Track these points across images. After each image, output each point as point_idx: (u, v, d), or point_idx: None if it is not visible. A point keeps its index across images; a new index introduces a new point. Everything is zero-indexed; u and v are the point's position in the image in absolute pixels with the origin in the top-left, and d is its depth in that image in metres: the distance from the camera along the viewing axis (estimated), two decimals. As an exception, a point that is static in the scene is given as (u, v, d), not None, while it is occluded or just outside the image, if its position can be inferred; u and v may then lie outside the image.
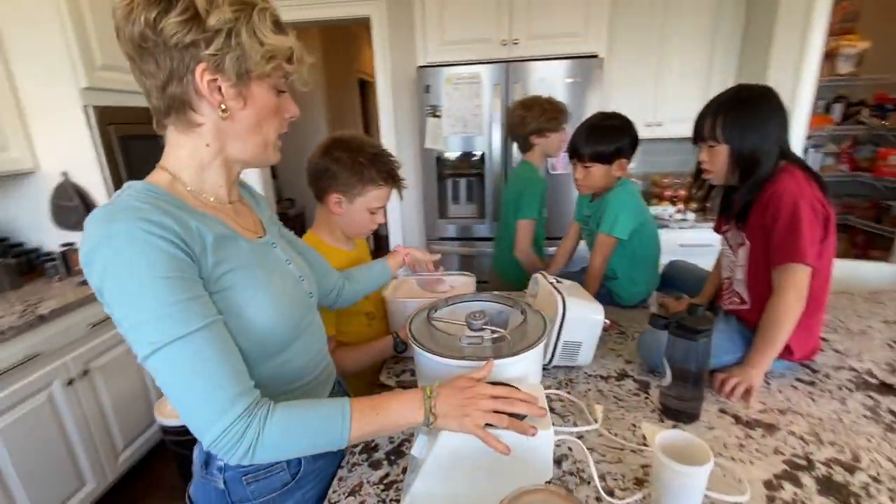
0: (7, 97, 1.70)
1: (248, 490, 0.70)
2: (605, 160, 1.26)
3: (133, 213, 0.52)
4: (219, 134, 0.61)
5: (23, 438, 1.42)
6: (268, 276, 0.65)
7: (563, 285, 1.02)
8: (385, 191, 1.05)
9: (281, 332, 0.65)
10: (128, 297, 0.51)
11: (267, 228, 0.75)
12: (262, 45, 0.56)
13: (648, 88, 2.46)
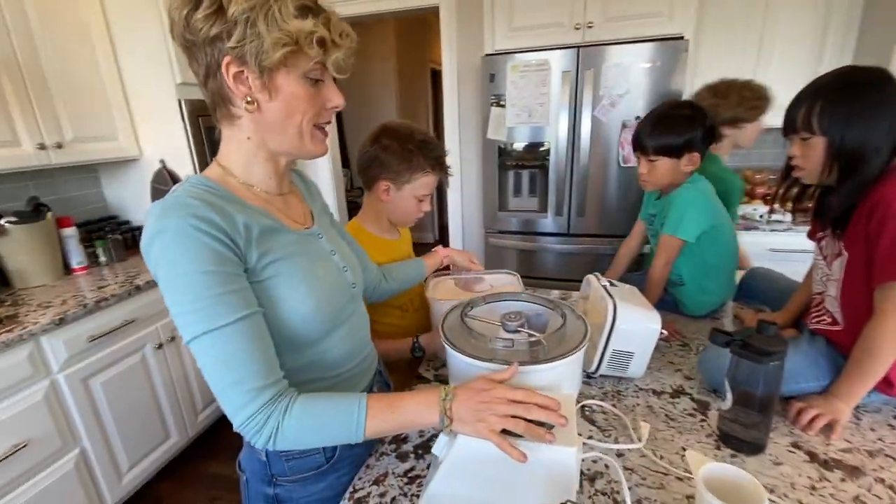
0: (118, 92, 1.93)
1: (286, 466, 0.73)
2: (673, 153, 1.13)
3: (183, 210, 0.55)
4: (256, 127, 0.62)
5: (120, 392, 1.63)
6: (310, 266, 0.67)
7: (617, 289, 0.95)
8: (432, 178, 1.06)
9: (321, 321, 0.67)
10: (172, 287, 0.55)
11: (316, 219, 0.77)
12: (280, 30, 0.54)
13: (745, 74, 2.18)
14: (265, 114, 0.61)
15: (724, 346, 0.72)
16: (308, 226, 0.73)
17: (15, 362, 1.31)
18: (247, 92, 0.58)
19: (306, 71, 0.59)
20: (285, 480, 0.74)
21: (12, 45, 1.55)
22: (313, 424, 0.59)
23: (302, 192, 0.80)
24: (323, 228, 0.77)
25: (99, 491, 1.58)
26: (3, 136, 1.54)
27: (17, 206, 1.78)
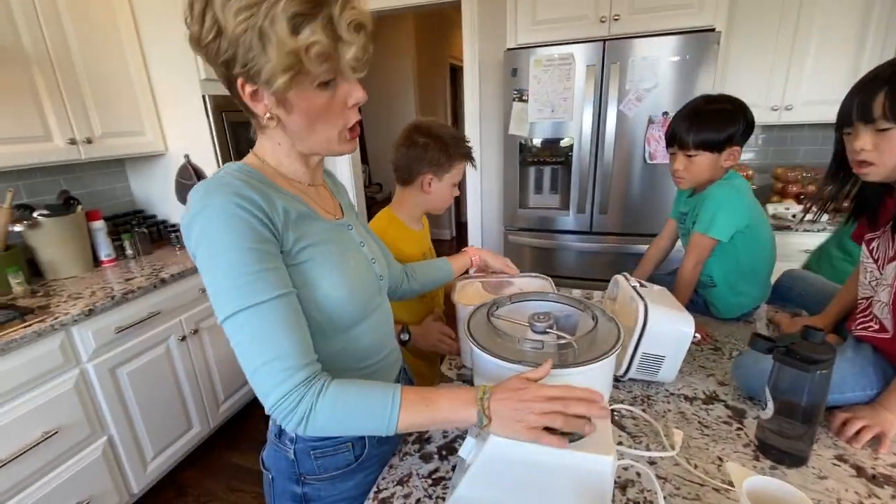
0: (145, 88, 1.96)
1: (315, 464, 0.73)
2: (714, 148, 1.08)
3: (227, 189, 0.56)
4: (283, 135, 0.63)
5: (145, 382, 1.67)
6: (342, 255, 0.67)
7: (647, 290, 0.92)
8: (464, 166, 1.16)
9: (351, 309, 0.67)
10: (212, 264, 0.55)
11: (345, 212, 0.78)
12: (277, 54, 0.52)
13: (779, 66, 2.11)
14: (288, 126, 0.61)
15: (766, 353, 0.69)
16: (339, 217, 0.74)
17: (47, 351, 1.35)
18: (266, 108, 0.59)
19: (315, 78, 0.56)
20: (314, 479, 0.73)
21: (45, 42, 1.58)
22: (346, 410, 0.58)
23: (330, 188, 0.81)
24: (352, 221, 0.77)
25: (125, 478, 1.62)
26: (36, 131, 1.58)
27: (49, 199, 1.83)
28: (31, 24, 1.53)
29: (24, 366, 1.29)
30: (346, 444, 0.73)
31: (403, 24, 3.92)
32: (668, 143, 1.15)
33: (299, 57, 0.52)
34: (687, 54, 1.87)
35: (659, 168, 2.01)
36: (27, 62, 1.54)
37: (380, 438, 0.76)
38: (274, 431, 0.76)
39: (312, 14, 0.52)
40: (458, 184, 1.17)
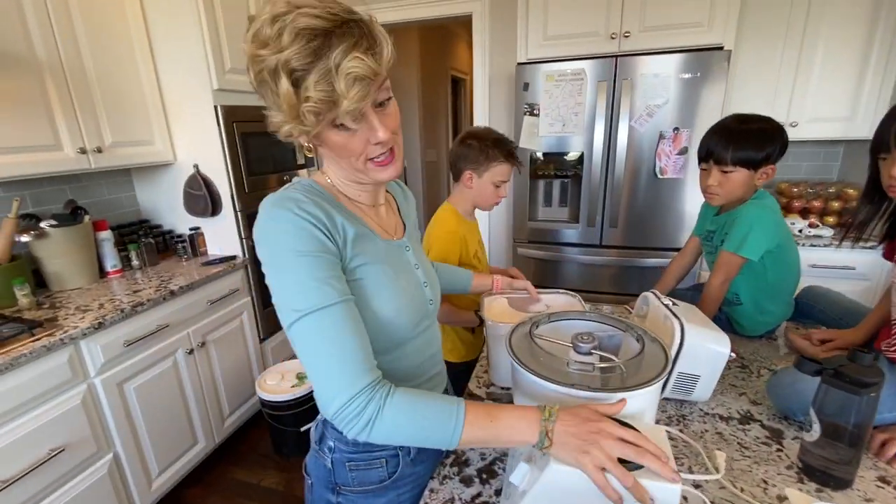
0: (155, 97, 1.95)
1: (349, 476, 0.73)
2: (752, 165, 1.08)
3: (294, 203, 0.59)
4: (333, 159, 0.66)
5: (152, 397, 1.63)
6: (395, 275, 0.68)
7: (679, 308, 0.91)
8: (506, 167, 1.26)
9: (399, 328, 0.68)
10: (281, 269, 0.58)
11: (408, 232, 0.78)
12: (279, 107, 0.55)
13: (784, 84, 2.15)
14: (325, 155, 0.65)
15: (814, 375, 0.68)
16: (399, 237, 0.75)
17: (56, 366, 1.32)
18: (303, 140, 0.60)
19: (337, 119, 0.56)
20: (348, 490, 0.74)
21: (58, 52, 1.56)
22: (412, 418, 0.57)
23: (400, 203, 0.83)
24: (412, 242, 0.78)
25: (130, 496, 1.57)
26: (46, 140, 1.55)
27: (55, 209, 1.80)
28: (45, 34, 1.52)
29: (32, 381, 1.26)
30: (379, 460, 0.73)
31: (408, 36, 3.95)
32: (700, 158, 1.15)
33: (299, 109, 0.54)
34: (697, 71, 1.90)
35: (669, 183, 2.03)
36: (40, 71, 1.52)
37: (414, 458, 0.75)
38: (315, 438, 0.77)
39: (307, 69, 0.52)
40: (502, 185, 1.28)
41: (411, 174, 4.34)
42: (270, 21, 0.52)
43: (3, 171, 1.43)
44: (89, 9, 1.66)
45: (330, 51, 0.51)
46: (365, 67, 0.52)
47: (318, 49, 0.51)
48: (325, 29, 0.51)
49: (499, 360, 1.00)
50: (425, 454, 0.77)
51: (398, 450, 0.74)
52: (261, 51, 0.53)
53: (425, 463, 0.77)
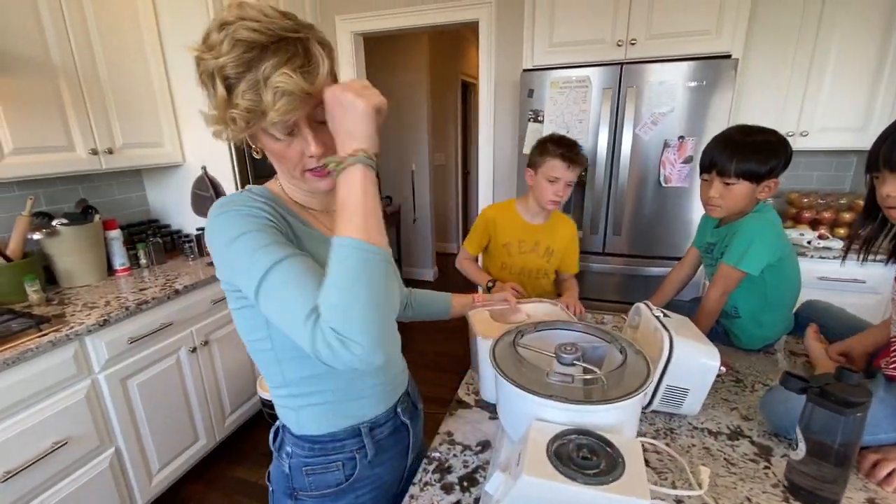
0: (166, 100, 2.00)
1: (306, 481, 0.74)
2: (755, 178, 1.06)
3: (240, 199, 0.63)
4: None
5: (154, 394, 1.66)
6: None
7: (670, 320, 0.91)
8: (557, 162, 1.33)
9: None
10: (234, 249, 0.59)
11: None
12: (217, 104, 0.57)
13: (794, 93, 2.12)
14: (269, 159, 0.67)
15: (799, 393, 0.67)
16: None
17: (61, 361, 1.35)
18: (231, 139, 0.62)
19: (266, 128, 0.59)
20: (305, 495, 0.75)
21: (73, 55, 1.61)
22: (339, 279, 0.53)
23: None
24: None
25: (130, 491, 1.60)
26: (59, 141, 1.60)
27: (67, 207, 1.85)
28: (60, 38, 1.57)
29: (37, 375, 1.29)
30: (336, 463, 0.74)
31: (418, 41, 3.98)
32: (702, 169, 1.14)
33: (227, 114, 0.57)
34: (703, 80, 1.88)
35: (673, 191, 2.01)
36: (55, 74, 1.57)
37: (372, 460, 0.76)
38: (277, 444, 0.78)
39: (239, 78, 0.55)
40: (556, 181, 1.34)
41: (419, 177, 4.36)
42: (218, 28, 0.56)
43: (19, 170, 1.48)
44: (103, 14, 1.71)
45: (261, 63, 0.54)
46: (292, 84, 0.54)
47: (250, 61, 0.54)
48: (261, 43, 0.55)
49: (486, 373, 1.00)
50: (385, 456, 0.78)
51: (355, 452, 0.74)
52: (204, 54, 0.57)
53: (384, 465, 0.78)
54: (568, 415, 0.62)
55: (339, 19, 2.68)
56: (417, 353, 3.05)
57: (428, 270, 4.53)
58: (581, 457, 0.56)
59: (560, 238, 1.52)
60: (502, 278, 1.52)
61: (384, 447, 0.78)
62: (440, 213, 5.10)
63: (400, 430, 0.81)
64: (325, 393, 0.71)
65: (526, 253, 1.50)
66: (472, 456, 0.82)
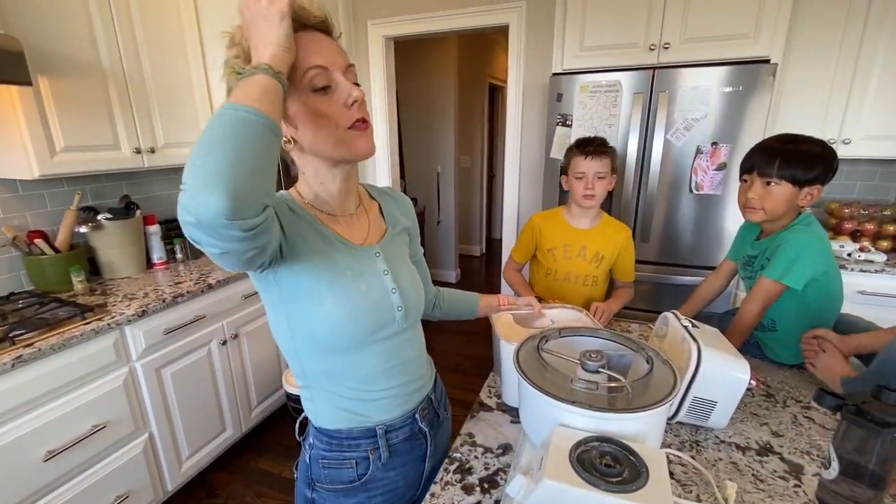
0: (205, 103, 2.07)
1: (322, 473, 0.77)
2: (798, 182, 1.03)
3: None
4: (304, 160, 0.69)
5: (186, 383, 1.73)
6: (355, 278, 0.70)
7: (699, 331, 0.89)
8: (580, 158, 1.38)
9: (351, 331, 0.69)
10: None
11: (387, 238, 0.79)
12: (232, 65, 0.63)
13: (837, 99, 2.04)
14: (303, 142, 0.65)
15: (833, 410, 0.65)
16: (371, 243, 0.77)
17: (103, 348, 1.42)
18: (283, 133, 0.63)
19: (306, 83, 0.61)
20: (321, 487, 0.78)
21: (121, 59, 1.70)
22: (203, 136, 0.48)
23: (387, 210, 0.84)
24: (387, 248, 0.78)
25: (161, 475, 1.67)
26: (106, 140, 1.69)
27: (111, 202, 1.95)
28: (109, 42, 1.66)
29: (81, 361, 1.37)
30: (350, 461, 0.76)
31: (447, 44, 4.01)
32: (742, 171, 1.11)
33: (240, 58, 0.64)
34: (740, 85, 1.83)
35: (705, 199, 1.96)
36: (104, 77, 1.65)
37: (386, 463, 0.78)
38: (302, 436, 0.82)
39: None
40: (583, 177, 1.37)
41: (444, 179, 4.39)
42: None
43: (69, 167, 1.57)
44: (149, 19, 1.79)
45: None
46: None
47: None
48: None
49: (508, 377, 1.00)
50: (399, 460, 0.79)
51: (369, 452, 0.76)
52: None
53: (398, 469, 0.79)
54: (591, 422, 0.62)
55: (371, 24, 2.73)
56: (439, 355, 3.06)
57: (451, 272, 4.54)
58: (604, 464, 0.56)
59: (611, 242, 1.49)
60: (547, 284, 1.54)
61: (399, 452, 0.79)
62: (464, 216, 5.11)
63: (417, 436, 0.82)
64: (340, 390, 0.74)
65: (572, 258, 1.49)
66: (493, 458, 0.82)
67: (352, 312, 0.68)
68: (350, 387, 0.73)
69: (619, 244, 1.49)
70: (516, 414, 0.95)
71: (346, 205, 0.76)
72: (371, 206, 0.83)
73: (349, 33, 2.74)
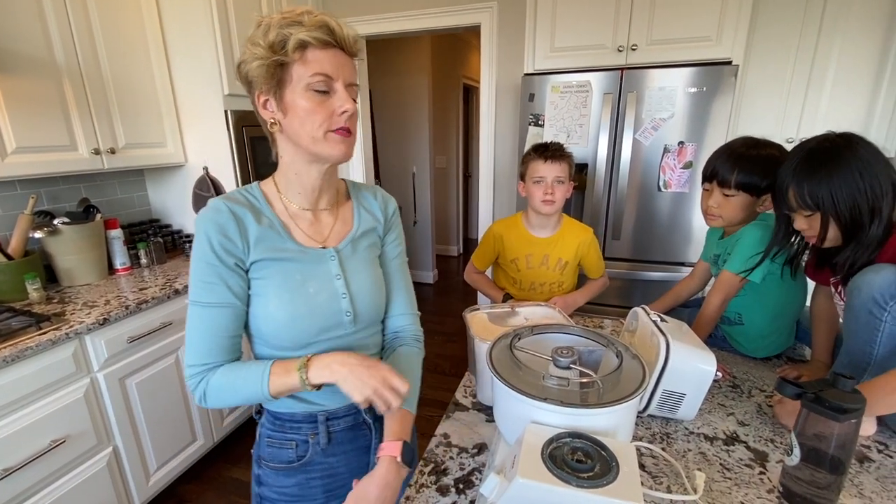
0: (169, 101, 2.01)
1: (266, 451, 0.83)
2: (755, 191, 1.08)
3: (214, 212, 0.71)
4: (284, 145, 0.74)
5: (153, 393, 1.67)
6: (302, 281, 0.74)
7: (667, 325, 0.91)
8: (537, 163, 1.34)
9: (292, 333, 0.74)
10: (192, 261, 0.72)
11: (348, 242, 0.80)
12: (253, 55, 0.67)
13: (794, 99, 2.13)
14: (286, 129, 0.71)
15: (794, 399, 0.68)
16: (330, 245, 0.79)
17: (61, 359, 1.36)
18: (271, 115, 0.71)
19: (309, 84, 0.67)
20: (266, 465, 0.83)
21: (77, 55, 1.62)
22: (229, 383, 0.71)
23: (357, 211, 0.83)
24: (348, 252, 0.79)
25: (128, 489, 1.61)
26: (62, 140, 1.61)
27: (69, 206, 1.86)
28: (64, 38, 1.58)
29: (37, 373, 1.30)
30: (290, 442, 0.81)
31: (420, 44, 4.00)
32: (704, 178, 1.15)
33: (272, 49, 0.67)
34: (704, 86, 1.89)
35: (673, 196, 2.02)
36: (58, 74, 1.58)
37: (325, 448, 0.82)
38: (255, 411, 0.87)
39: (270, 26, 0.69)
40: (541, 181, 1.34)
41: (420, 180, 4.37)
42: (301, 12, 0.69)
43: (21, 169, 1.49)
44: (107, 14, 1.72)
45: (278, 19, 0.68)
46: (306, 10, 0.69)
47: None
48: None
49: (483, 376, 1.00)
50: (340, 448, 0.84)
51: (309, 436, 0.80)
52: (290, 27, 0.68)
53: (339, 457, 0.83)
54: (563, 418, 0.62)
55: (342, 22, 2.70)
56: (416, 356, 3.05)
57: (428, 273, 4.53)
58: (576, 460, 0.57)
59: (572, 246, 1.46)
60: (513, 293, 1.51)
61: (340, 440, 0.83)
62: (441, 216, 5.11)
63: (361, 427, 0.85)
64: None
65: (534, 268, 1.46)
66: (469, 458, 0.82)
67: (294, 315, 0.73)
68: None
69: (580, 246, 1.47)
70: (492, 413, 0.95)
71: (319, 201, 0.79)
72: (345, 204, 0.84)
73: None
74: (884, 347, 0.82)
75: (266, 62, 0.66)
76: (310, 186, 0.76)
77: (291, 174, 0.76)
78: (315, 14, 0.67)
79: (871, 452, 0.82)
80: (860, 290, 0.82)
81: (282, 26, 0.66)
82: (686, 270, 2.05)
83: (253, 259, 0.73)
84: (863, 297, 0.82)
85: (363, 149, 2.93)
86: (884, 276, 0.79)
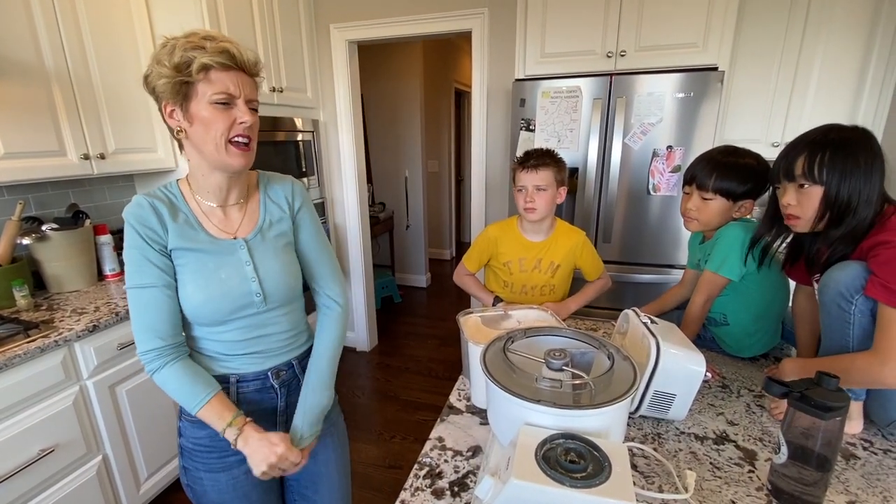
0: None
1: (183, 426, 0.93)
2: (731, 197, 1.12)
3: (137, 208, 0.82)
4: (190, 150, 0.82)
5: (143, 401, 1.65)
6: (215, 268, 0.85)
7: (657, 327, 0.92)
8: (522, 174, 1.38)
9: (208, 312, 0.85)
10: (125, 250, 0.83)
11: (257, 232, 0.90)
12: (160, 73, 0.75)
13: (779, 104, 2.18)
14: (191, 137, 0.80)
15: (780, 398, 0.69)
16: (240, 236, 0.89)
17: (49, 367, 1.34)
18: (177, 124, 0.79)
19: (211, 98, 0.76)
20: (185, 418, 0.92)
21: (66, 60, 1.61)
22: (174, 386, 0.82)
23: (264, 203, 0.92)
24: (256, 242, 0.89)
25: (118, 499, 1.58)
26: (51, 146, 1.59)
27: (57, 212, 1.84)
28: (53, 42, 1.57)
29: (25, 381, 1.28)
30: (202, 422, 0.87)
31: (412, 49, 4.02)
32: (685, 182, 1.19)
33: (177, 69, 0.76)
34: (691, 91, 1.92)
35: (662, 200, 2.05)
36: (47, 79, 1.56)
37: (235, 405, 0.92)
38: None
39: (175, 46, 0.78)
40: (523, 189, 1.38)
41: (412, 184, 4.38)
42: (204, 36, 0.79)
43: (8, 175, 1.47)
44: (97, 19, 1.71)
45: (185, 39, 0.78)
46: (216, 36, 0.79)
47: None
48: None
49: (476, 379, 1.01)
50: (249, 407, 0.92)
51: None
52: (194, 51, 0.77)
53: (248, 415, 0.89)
54: (556, 419, 0.63)
55: (333, 27, 2.71)
56: (411, 360, 3.05)
57: (421, 276, 4.53)
58: (569, 461, 0.58)
59: (563, 250, 1.47)
60: (504, 295, 1.51)
61: (248, 400, 0.93)
62: (433, 220, 5.12)
63: (269, 391, 0.95)
64: (208, 347, 0.89)
65: (527, 271, 1.47)
66: (463, 461, 0.82)
67: (209, 296, 0.84)
68: (213, 349, 0.89)
69: (572, 249, 1.48)
70: (486, 416, 0.95)
71: (228, 197, 0.89)
72: (254, 197, 0.93)
73: (311, 37, 2.70)
74: (857, 340, 0.85)
75: (172, 80, 0.75)
76: (216, 187, 0.86)
77: (199, 176, 0.85)
78: (218, 41, 0.76)
79: (857, 450, 0.84)
80: (828, 286, 0.86)
81: (186, 49, 0.74)
82: (675, 272, 2.08)
83: (172, 246, 0.83)
84: (831, 294, 0.85)
85: (355, 152, 2.93)
86: (848, 271, 0.83)
